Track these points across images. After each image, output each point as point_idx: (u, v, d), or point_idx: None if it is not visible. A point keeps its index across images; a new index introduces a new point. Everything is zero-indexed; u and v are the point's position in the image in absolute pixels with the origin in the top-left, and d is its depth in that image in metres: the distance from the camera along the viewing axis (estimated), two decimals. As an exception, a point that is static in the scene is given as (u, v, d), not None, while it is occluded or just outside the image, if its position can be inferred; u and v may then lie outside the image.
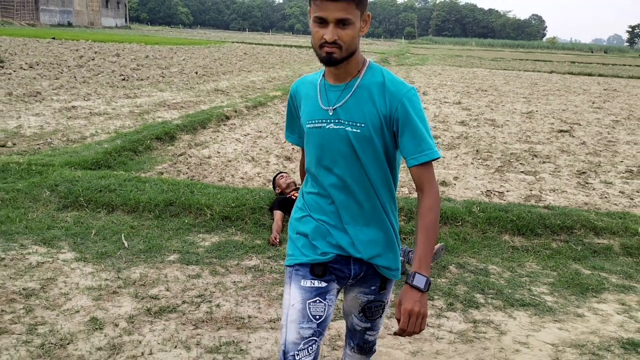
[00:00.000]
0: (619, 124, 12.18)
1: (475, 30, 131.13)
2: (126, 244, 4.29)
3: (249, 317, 3.32)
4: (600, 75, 29.02)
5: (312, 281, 1.93)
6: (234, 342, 3.03)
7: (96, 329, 3.08)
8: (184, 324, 3.18)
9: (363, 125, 1.84)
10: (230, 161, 7.25)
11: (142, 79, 15.32)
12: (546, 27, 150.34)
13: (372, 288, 2.01)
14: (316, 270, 1.93)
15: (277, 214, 4.83)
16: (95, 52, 23.30)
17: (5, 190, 5.15)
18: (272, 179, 5.83)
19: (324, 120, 1.88)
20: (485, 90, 17.74)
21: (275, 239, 4.51)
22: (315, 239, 1.94)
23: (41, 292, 3.45)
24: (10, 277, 3.62)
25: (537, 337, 3.30)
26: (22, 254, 4.01)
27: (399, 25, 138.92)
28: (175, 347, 2.95)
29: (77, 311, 3.25)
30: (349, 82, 1.87)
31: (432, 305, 3.63)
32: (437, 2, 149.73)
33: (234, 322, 3.24)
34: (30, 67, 16.12)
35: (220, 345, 2.98)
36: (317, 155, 1.92)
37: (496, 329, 3.37)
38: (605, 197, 6.44)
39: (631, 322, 3.55)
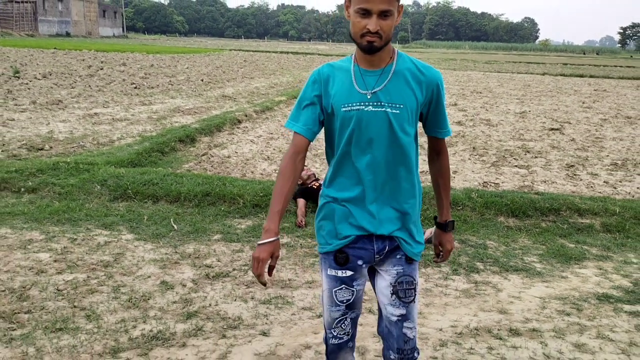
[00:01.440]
0: (606, 122, 12.93)
1: (468, 34, 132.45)
2: (175, 227, 5.00)
3: (289, 279, 4.02)
4: (591, 76, 29.87)
5: (336, 271, 2.10)
6: (280, 296, 3.73)
7: (168, 288, 3.77)
8: (237, 285, 3.88)
9: (402, 106, 1.98)
10: (248, 160, 7.95)
11: (152, 87, 16.02)
12: (539, 29, 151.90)
13: (398, 257, 2.09)
14: (339, 258, 2.08)
15: (300, 201, 5.55)
16: (102, 62, 24.00)
17: (60, 186, 5.85)
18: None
19: (362, 103, 1.98)
20: (480, 92, 18.50)
21: (301, 222, 5.23)
22: (337, 223, 2.07)
23: (115, 264, 4.15)
24: (87, 253, 4.32)
25: (527, 292, 4.01)
26: (90, 235, 4.71)
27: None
28: (235, 300, 3.65)
29: (149, 277, 3.95)
30: (384, 67, 2.00)
31: (440, 270, 4.34)
32: (430, 7, 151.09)
33: (278, 283, 3.95)
34: (44, 77, 16.81)
35: (271, 299, 3.69)
36: (351, 137, 2.00)
37: (494, 288, 4.08)
38: (591, 186, 7.15)
39: (606, 282, 4.26)
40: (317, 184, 5.71)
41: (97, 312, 3.39)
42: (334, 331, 2.20)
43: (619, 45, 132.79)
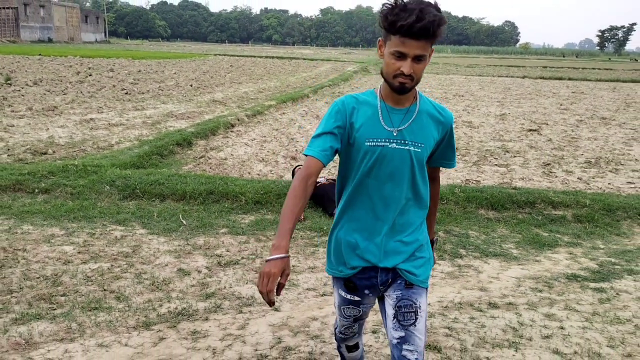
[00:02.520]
0: (582, 122, 13.57)
1: (450, 38, 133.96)
2: (184, 222, 5.43)
3: (294, 265, 4.48)
4: (569, 79, 30.74)
5: (346, 294, 2.26)
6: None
7: (185, 274, 4.21)
8: (247, 271, 4.33)
9: (423, 145, 2.08)
10: (244, 161, 8.39)
11: (143, 93, 16.36)
12: (519, 33, 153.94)
13: (399, 282, 2.15)
14: (349, 286, 2.22)
15: (299, 198, 5.99)
16: (89, 68, 24.25)
17: (71, 186, 6.24)
18: (288, 173, 7.00)
19: (387, 140, 2.05)
20: (462, 96, 19.11)
21: (301, 216, 5.67)
22: (345, 252, 2.18)
23: (134, 254, 4.57)
24: (106, 245, 4.74)
25: (505, 274, 4.51)
26: (106, 230, 5.12)
27: (376, 34, 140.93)
28: (246, 283, 4.09)
29: (166, 265, 4.38)
30: (409, 106, 2.10)
31: (427, 256, 4.81)
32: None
33: (283, 269, 4.40)
34: (35, 84, 17.07)
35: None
36: (371, 171, 2.08)
37: (475, 270, 4.57)
38: (566, 182, 7.70)
39: (575, 264, 4.77)
40: (312, 182, 6.16)
41: (125, 294, 3.81)
42: (343, 333, 2.50)
43: (598, 47, 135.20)
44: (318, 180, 6.19)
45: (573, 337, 3.43)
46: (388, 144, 2.05)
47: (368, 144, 2.05)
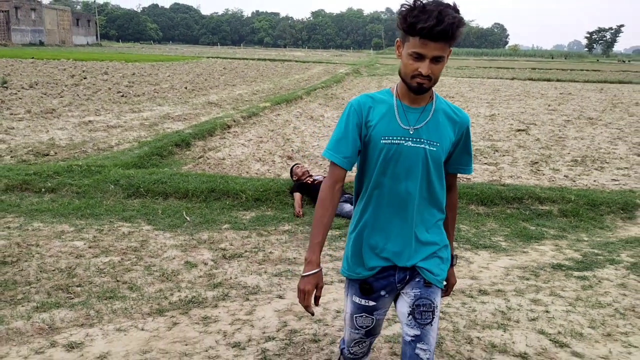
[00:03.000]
0: (569, 123, 13.91)
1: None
2: (188, 219, 5.66)
3: (295, 258, 4.72)
4: (558, 80, 31.19)
5: (360, 299, 2.21)
6: (289, 270, 4.43)
7: (192, 267, 4.44)
8: (251, 263, 4.57)
9: (438, 144, 2.09)
10: (242, 161, 8.62)
11: (138, 95, 16.55)
12: (508, 35, 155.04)
13: (417, 280, 2.15)
14: (364, 289, 2.19)
15: (297, 195, 6.25)
16: (84, 71, 24.37)
17: (77, 186, 6.46)
18: (285, 172, 7.25)
19: (402, 138, 2.07)
20: (452, 97, 19.43)
21: (299, 212, 5.93)
22: (364, 252, 2.17)
23: (142, 248, 4.80)
24: (115, 240, 4.96)
25: (494, 264, 4.78)
26: (114, 227, 5.35)
27: (367, 37, 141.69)
28: (251, 274, 4.33)
29: (174, 258, 4.61)
30: (425, 105, 2.11)
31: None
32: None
33: (285, 261, 4.64)
34: (31, 87, 17.21)
35: (281, 272, 4.38)
36: (386, 169, 2.09)
37: (466, 261, 4.83)
38: (553, 180, 7.99)
39: (560, 255, 5.05)
40: (310, 180, 6.42)
41: (138, 285, 4.04)
42: (352, 349, 2.38)
43: (586, 49, 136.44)
44: (315, 177, 6.45)
45: (557, 319, 3.69)
46: (404, 141, 2.06)
47: (384, 141, 2.07)
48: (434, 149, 2.07)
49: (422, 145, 2.06)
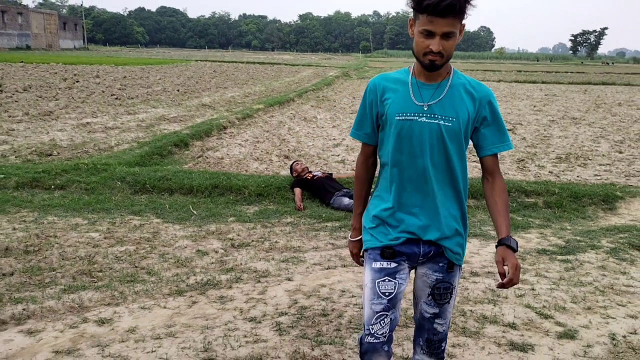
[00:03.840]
0: (554, 122, 14.36)
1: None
2: (195, 212, 5.96)
3: (299, 246, 5.04)
4: (543, 82, 31.79)
5: (382, 263, 2.16)
6: (295, 257, 4.75)
7: (204, 254, 4.75)
8: (259, 251, 4.88)
9: (454, 119, 2.07)
10: (240, 160, 8.93)
11: (132, 98, 16.79)
12: (494, 38, 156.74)
13: (441, 265, 2.17)
14: (385, 253, 2.16)
15: (297, 190, 6.57)
16: (75, 75, 24.53)
17: (85, 183, 6.74)
18: (283, 170, 7.57)
19: (416, 114, 2.08)
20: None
21: (300, 206, 6.25)
22: (388, 225, 2.17)
23: (154, 239, 5.10)
24: (128, 232, 5.26)
25: (484, 250, 5.13)
26: (125, 220, 5.64)
27: (355, 40, 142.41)
28: (259, 260, 4.65)
29: (185, 247, 4.92)
30: (440, 82, 2.11)
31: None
32: (390, 17, 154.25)
33: (290, 249, 4.96)
34: (25, 90, 17.38)
35: (288, 259, 4.70)
36: (403, 145, 2.11)
37: (458, 248, 5.18)
38: (538, 175, 8.38)
39: (545, 242, 5.41)
40: (310, 176, 6.74)
41: (155, 270, 4.35)
42: (373, 327, 2.16)
43: (571, 52, 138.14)
44: (314, 174, 6.78)
45: (542, 296, 4.05)
46: (417, 117, 2.08)
47: (398, 118, 2.10)
48: (449, 124, 2.07)
49: (437, 121, 2.07)
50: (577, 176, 8.39)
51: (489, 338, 3.41)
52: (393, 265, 2.16)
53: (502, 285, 2.03)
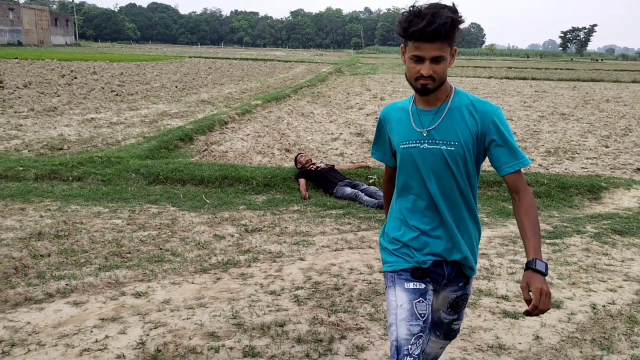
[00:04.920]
0: (544, 118, 14.84)
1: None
2: (208, 201, 6.36)
3: (307, 231, 5.45)
4: (533, 78, 32.32)
5: (415, 283, 2.17)
6: (305, 240, 5.16)
7: (221, 238, 5.15)
8: (271, 235, 5.29)
9: (456, 143, 2.08)
10: (244, 154, 9.31)
11: (132, 94, 17.10)
12: (485, 34, 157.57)
13: (460, 284, 2.28)
14: (416, 274, 2.18)
15: (302, 181, 6.98)
16: (72, 71, 24.77)
17: (101, 174, 7.11)
18: (285, 162, 7.97)
19: (418, 141, 2.12)
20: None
21: (305, 195, 6.66)
22: (413, 249, 2.20)
23: (174, 225, 5.49)
24: (149, 219, 5.64)
25: (479, 235, 5.56)
26: (143, 208, 6.02)
27: (346, 36, 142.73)
28: (273, 243, 5.06)
29: (203, 232, 5.31)
30: (439, 106, 2.12)
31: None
32: (381, 13, 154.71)
33: (300, 233, 5.37)
34: (26, 87, 17.65)
35: (298, 242, 5.11)
36: (411, 172, 2.16)
37: (455, 233, 5.61)
38: (528, 169, 8.82)
39: (535, 228, 5.85)
40: (313, 167, 7.15)
41: (179, 252, 4.74)
42: (411, 348, 2.08)
43: (561, 48, 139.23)
44: (318, 165, 7.19)
45: (531, 273, 4.48)
46: (419, 144, 2.11)
47: (402, 146, 2.15)
48: (452, 148, 2.08)
49: (438, 146, 2.09)
50: (565, 169, 8.84)
51: (485, 308, 3.84)
52: (423, 286, 2.18)
53: (528, 314, 1.95)
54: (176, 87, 19.81)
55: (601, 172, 8.58)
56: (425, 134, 2.10)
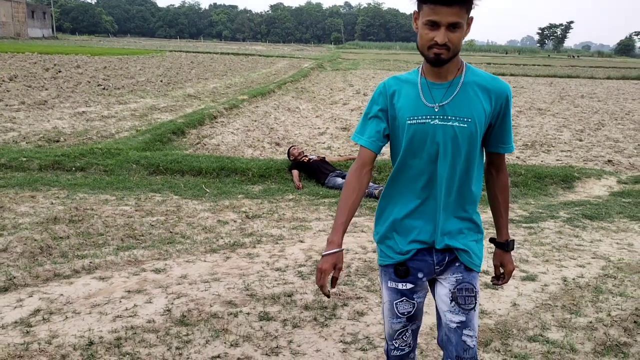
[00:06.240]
0: (521, 113, 15.43)
1: (398, 34, 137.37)
2: (208, 190, 6.74)
3: (304, 217, 5.87)
4: (512, 74, 33.07)
5: (396, 283, 2.10)
6: (302, 225, 5.58)
7: (224, 223, 5.54)
8: (270, 221, 5.70)
9: (469, 120, 1.94)
10: (235, 147, 9.68)
11: (118, 88, 17.30)
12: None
13: (457, 265, 2.07)
14: (399, 271, 2.08)
15: (295, 172, 7.39)
16: (55, 65, 24.77)
17: (103, 165, 7.45)
18: (276, 155, 8.39)
19: (428, 117, 1.96)
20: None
21: (299, 185, 7.08)
22: (397, 236, 2.09)
23: (179, 211, 5.87)
24: (155, 205, 6.01)
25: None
26: (148, 196, 6.39)
27: (326, 31, 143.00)
28: (273, 228, 5.47)
29: (207, 218, 5.70)
30: (452, 80, 1.98)
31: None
32: (361, 8, 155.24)
33: (297, 219, 5.79)
34: (11, 80, 17.73)
35: (297, 227, 5.53)
36: (416, 150, 2.00)
37: (439, 218, 6.08)
38: (507, 160, 9.33)
39: (512, 213, 6.34)
40: (306, 159, 7.57)
41: (187, 235, 5.13)
42: (396, 342, 2.20)
43: (538, 44, 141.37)
44: (310, 157, 7.60)
45: (509, 252, 4.96)
46: (430, 120, 1.96)
47: (409, 122, 1.98)
48: (465, 125, 1.95)
49: (450, 123, 1.96)
50: (542, 161, 9.40)
51: (468, 281, 4.30)
52: (409, 286, 2.11)
53: (496, 284, 2.26)
54: (161, 81, 20.03)
55: (575, 163, 9.14)
56: (437, 109, 1.96)
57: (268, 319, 3.54)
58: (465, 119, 1.95)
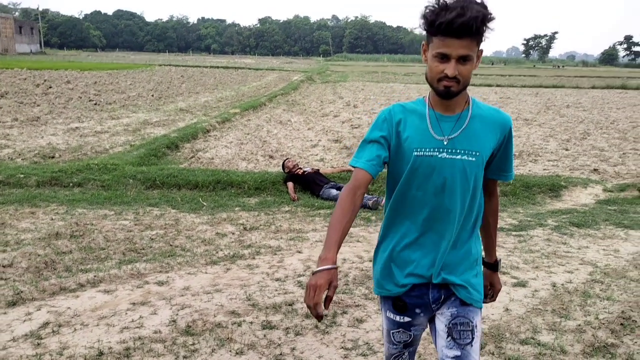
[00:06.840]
0: (508, 124, 15.68)
1: (386, 47, 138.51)
2: (205, 204, 6.87)
3: (300, 229, 6.02)
4: (497, 85, 33.54)
5: (395, 315, 2.11)
6: (299, 236, 5.72)
7: (223, 236, 5.67)
8: (268, 232, 5.83)
9: (478, 154, 1.94)
10: (229, 160, 9.82)
11: (110, 103, 17.39)
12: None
13: (453, 299, 2.05)
14: (397, 306, 2.09)
15: (290, 184, 7.54)
16: (45, 80, 24.80)
17: (99, 180, 7.56)
18: (270, 168, 8.54)
19: (436, 149, 1.94)
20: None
21: (294, 197, 7.22)
22: (395, 267, 2.07)
23: (178, 225, 5.99)
24: (154, 219, 6.13)
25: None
26: (146, 210, 6.50)
27: (314, 44, 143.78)
28: (271, 239, 5.60)
29: (206, 230, 5.82)
30: (460, 113, 1.97)
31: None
32: (349, 21, 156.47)
33: (294, 230, 5.93)
34: (2, 97, 17.77)
35: (294, 237, 5.67)
36: (420, 182, 1.98)
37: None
38: (495, 170, 9.55)
39: (502, 222, 6.52)
40: (300, 172, 7.72)
41: (187, 247, 5.26)
42: None
43: (524, 55, 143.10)
44: (305, 169, 7.76)
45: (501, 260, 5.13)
46: (438, 153, 1.95)
47: (416, 154, 1.96)
48: (473, 159, 1.95)
49: (459, 157, 1.95)
50: (529, 170, 9.62)
51: (462, 288, 4.46)
52: (406, 319, 2.12)
53: (484, 302, 2.22)
54: (152, 96, 20.14)
55: (561, 172, 9.36)
56: (446, 142, 1.95)
57: (271, 327, 3.67)
58: (474, 153, 1.96)
